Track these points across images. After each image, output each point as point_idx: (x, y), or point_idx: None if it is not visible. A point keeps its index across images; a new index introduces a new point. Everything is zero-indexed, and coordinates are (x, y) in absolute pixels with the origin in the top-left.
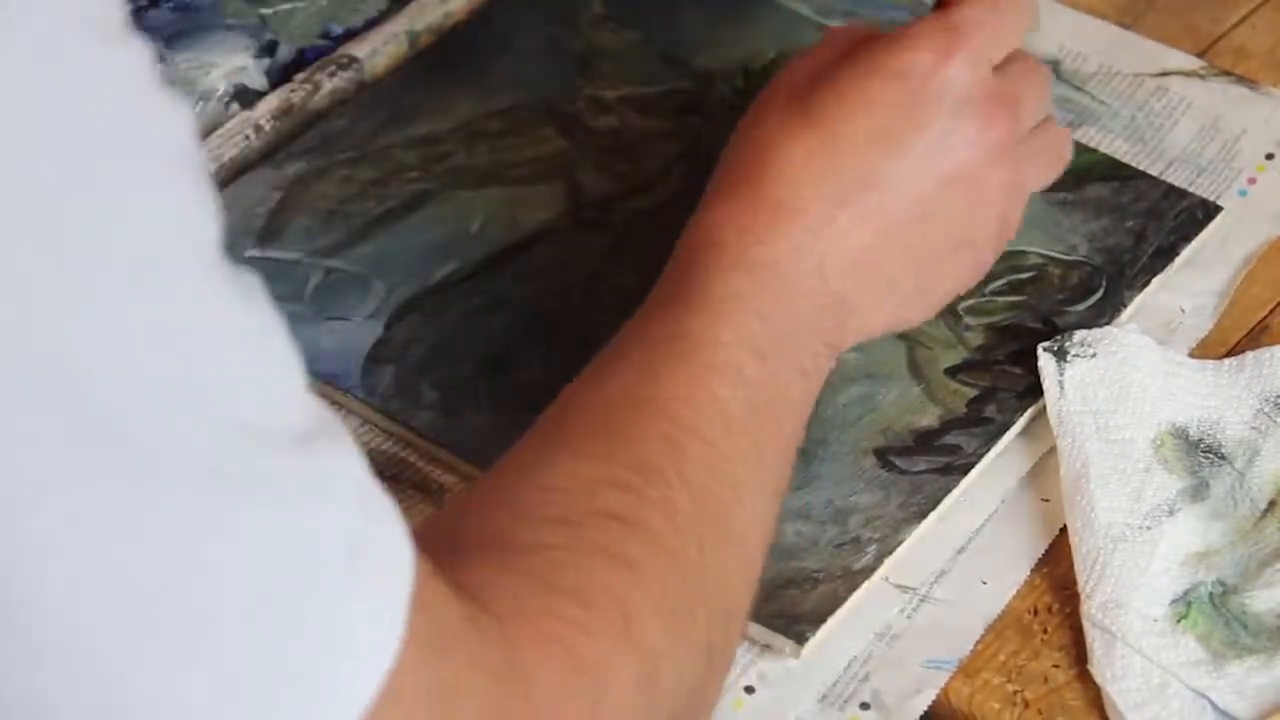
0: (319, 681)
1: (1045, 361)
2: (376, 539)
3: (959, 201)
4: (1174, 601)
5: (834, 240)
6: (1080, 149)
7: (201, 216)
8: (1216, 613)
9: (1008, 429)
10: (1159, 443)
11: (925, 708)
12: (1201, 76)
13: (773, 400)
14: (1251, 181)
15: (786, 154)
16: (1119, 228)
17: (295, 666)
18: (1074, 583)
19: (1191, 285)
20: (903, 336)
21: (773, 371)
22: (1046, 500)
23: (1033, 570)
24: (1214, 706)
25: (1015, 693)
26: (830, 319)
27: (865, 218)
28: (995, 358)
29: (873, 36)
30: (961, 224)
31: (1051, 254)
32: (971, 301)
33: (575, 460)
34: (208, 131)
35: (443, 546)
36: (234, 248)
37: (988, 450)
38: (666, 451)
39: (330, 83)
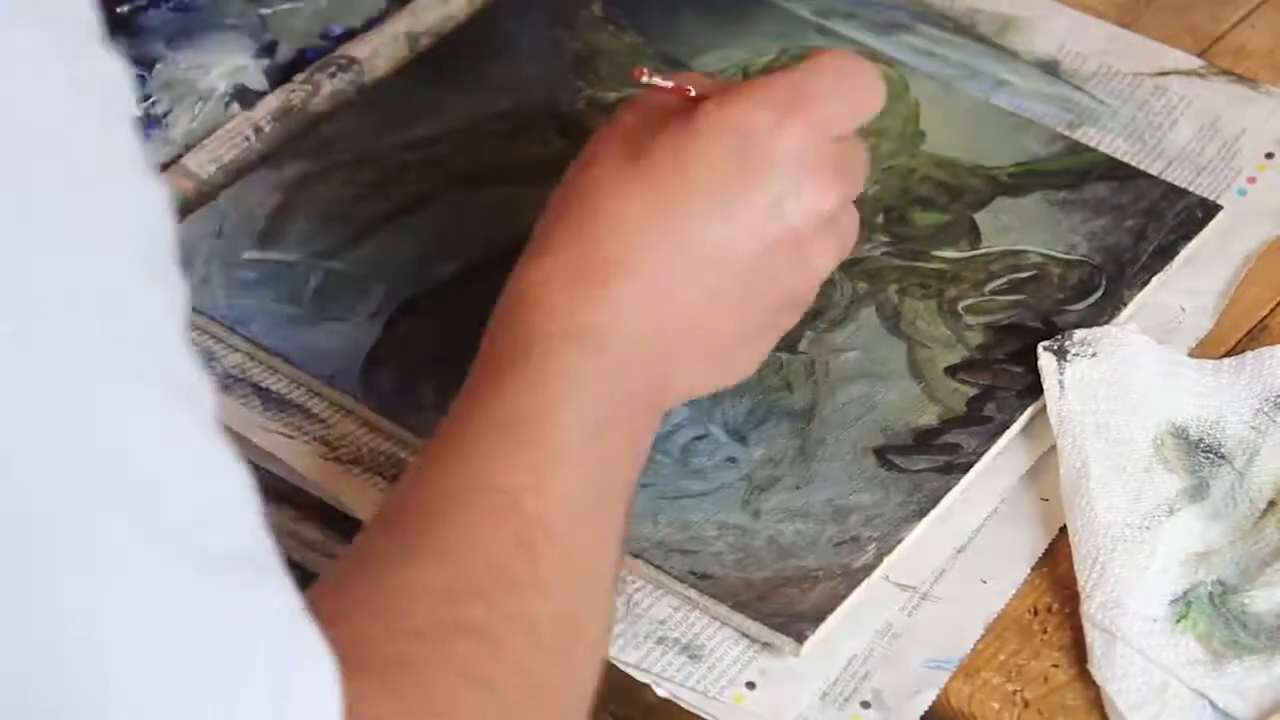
0: None
1: (1045, 360)
2: (301, 680)
3: (786, 264)
4: (1174, 601)
5: (663, 300)
6: (1080, 148)
7: (159, 311)
8: (1216, 613)
9: (1007, 428)
10: (1159, 442)
11: (926, 707)
12: (1201, 76)
13: (609, 478)
14: (1251, 181)
15: (616, 207)
16: (1119, 227)
17: None
18: (1074, 582)
19: (1191, 284)
20: (902, 336)
21: (606, 448)
22: (1046, 499)
23: (1033, 570)
24: (1214, 706)
25: (1015, 692)
26: (658, 381)
27: (696, 278)
28: (995, 357)
29: (718, 88)
30: (786, 286)
31: (1051, 253)
32: (971, 301)
33: (430, 562)
34: (208, 132)
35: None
36: (234, 249)
37: (987, 449)
38: (519, 554)
39: (330, 84)
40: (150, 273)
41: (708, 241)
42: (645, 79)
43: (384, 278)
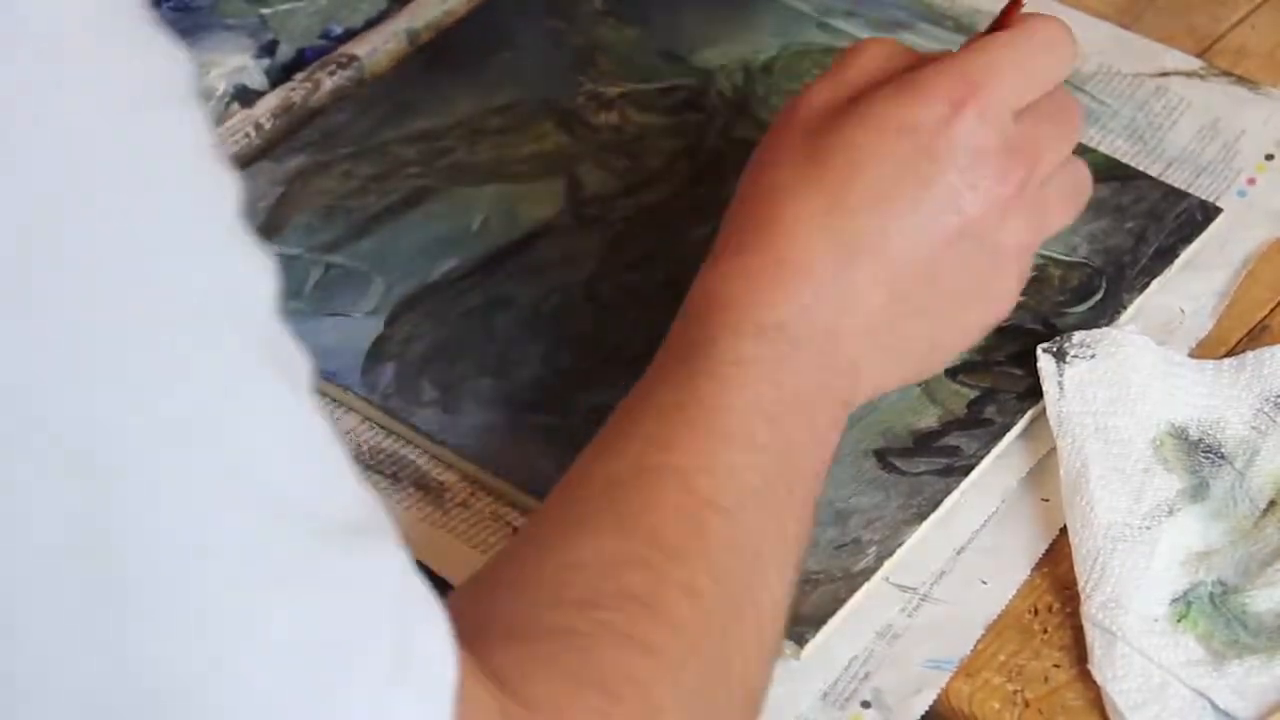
0: None
1: (1045, 362)
2: (421, 636)
3: (970, 258)
4: (1174, 601)
5: (845, 303)
6: (1080, 149)
7: (256, 283)
8: (1216, 612)
9: (1008, 430)
10: (1159, 443)
11: (926, 707)
12: (1201, 77)
13: (786, 467)
14: (1251, 182)
15: (795, 211)
16: (1119, 229)
17: None
18: (1074, 583)
19: (1191, 286)
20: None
21: (785, 436)
22: (1046, 500)
23: (1033, 570)
24: (1214, 706)
25: (1015, 692)
26: (844, 381)
27: (876, 280)
28: (995, 359)
29: (889, 80)
30: (973, 280)
31: (1051, 255)
32: None
33: (594, 537)
34: None
35: (469, 626)
36: None
37: (988, 451)
38: (686, 527)
39: (330, 81)
40: (243, 243)
41: (884, 242)
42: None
43: (385, 272)
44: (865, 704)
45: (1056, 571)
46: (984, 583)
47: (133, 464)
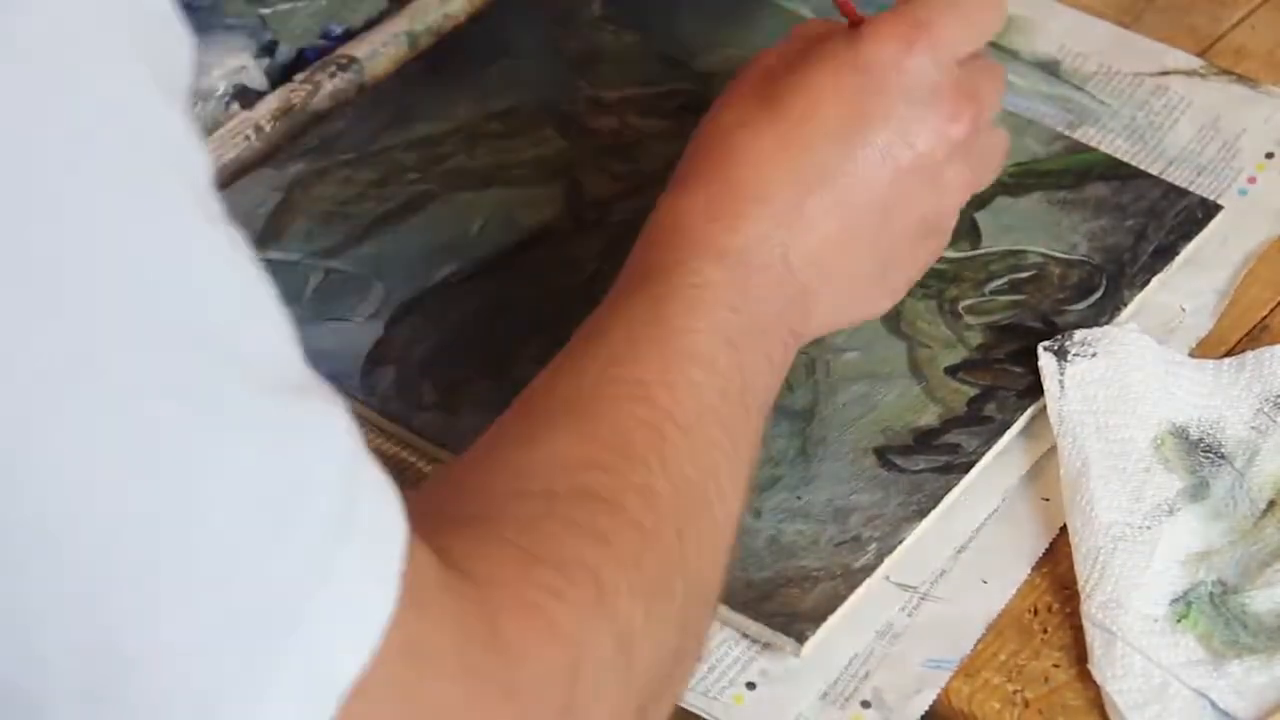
0: (309, 630)
1: (1045, 360)
2: (368, 495)
3: (920, 192)
4: (1174, 601)
5: (799, 230)
6: (1080, 148)
7: (196, 154)
8: (1216, 612)
9: (1008, 428)
10: (1159, 442)
11: (926, 707)
12: (1201, 76)
13: (743, 390)
14: (1251, 181)
15: (753, 144)
16: (1119, 227)
17: (286, 611)
18: (1074, 582)
19: (1191, 284)
20: (903, 336)
21: (742, 361)
22: (1047, 499)
23: (1033, 569)
24: (1214, 706)
25: (1015, 692)
26: (796, 309)
27: (830, 209)
28: (995, 357)
29: (838, 29)
30: (920, 216)
31: (1052, 253)
32: (972, 301)
33: (555, 437)
34: (208, 131)
35: (422, 517)
36: None
37: (988, 449)
38: (646, 436)
39: (330, 83)
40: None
41: (839, 174)
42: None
43: (384, 277)
44: (865, 704)
45: (1056, 571)
46: (984, 582)
47: (88, 297)
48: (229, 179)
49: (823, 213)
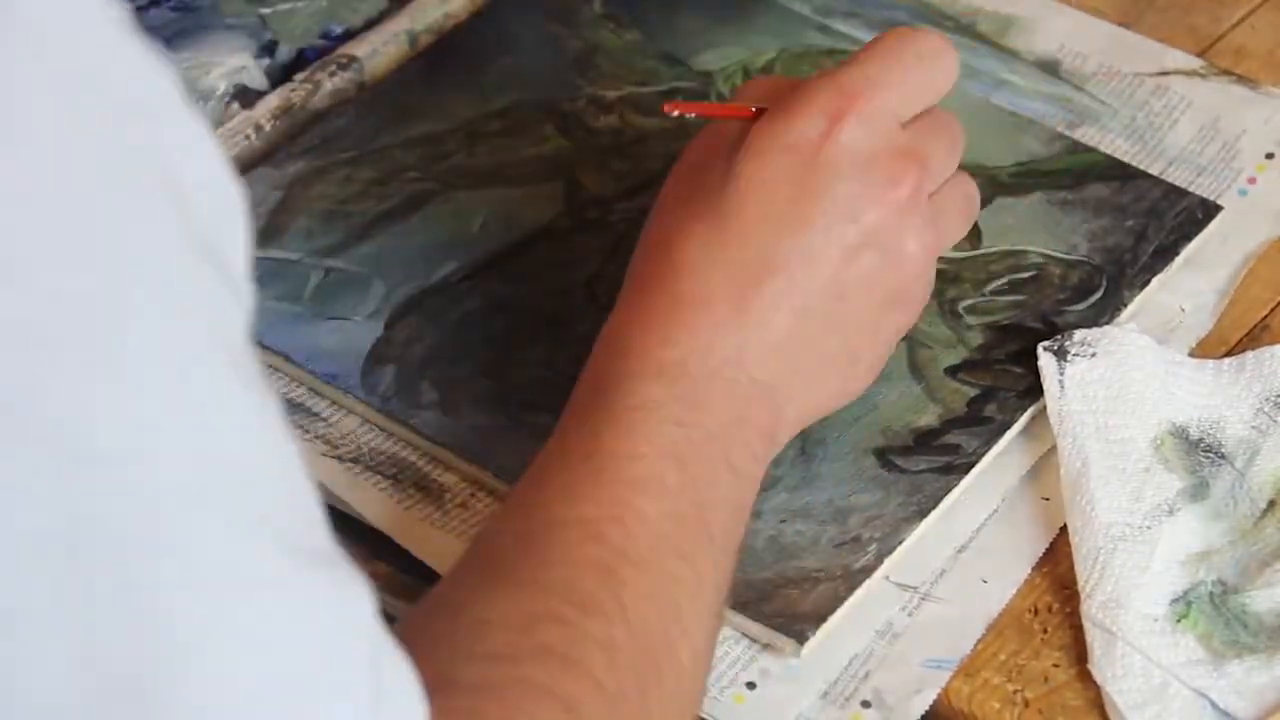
0: None
1: (1045, 361)
2: (392, 672)
3: (876, 266)
4: (1174, 601)
5: (748, 331)
6: (1080, 148)
7: (231, 307)
8: (1216, 612)
9: (1008, 428)
10: (1159, 442)
11: (926, 707)
12: (1202, 76)
13: (699, 508)
14: (1251, 181)
15: (685, 247)
16: (1119, 227)
17: None
18: (1074, 582)
19: (1191, 285)
20: (903, 336)
21: (698, 478)
22: (1047, 499)
23: (1033, 569)
24: (1214, 706)
25: (1015, 692)
26: (761, 410)
27: (778, 301)
28: (995, 357)
29: (773, 94)
30: (882, 290)
31: (1052, 253)
32: (972, 301)
33: (507, 592)
34: None
35: None
36: None
37: (988, 449)
38: (599, 579)
39: (330, 83)
40: (217, 267)
41: (783, 264)
42: (676, 113)
43: (385, 276)
44: (865, 703)
45: (1056, 571)
46: (984, 582)
47: (113, 456)
48: None
49: (771, 307)
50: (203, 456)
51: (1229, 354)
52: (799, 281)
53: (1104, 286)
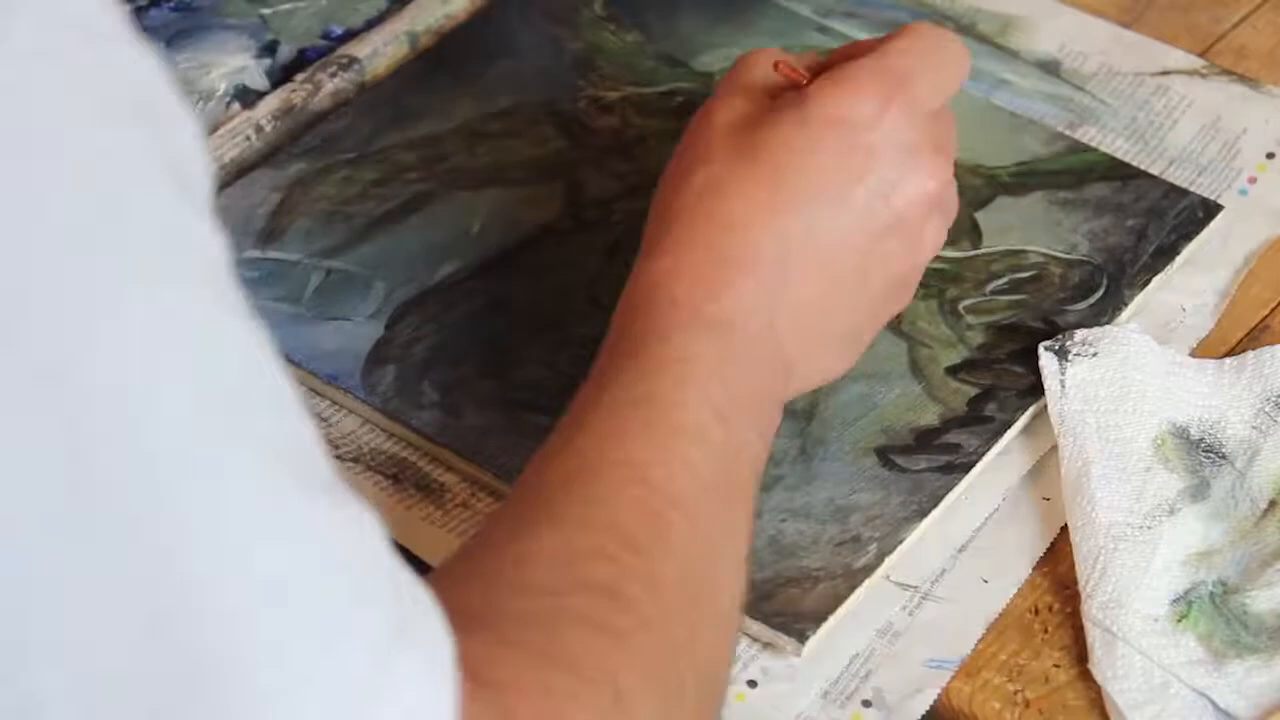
0: None
1: (1046, 360)
2: (414, 602)
3: (898, 251)
4: (1175, 601)
5: (784, 296)
6: (1081, 148)
7: (213, 239)
8: (1217, 612)
9: (1009, 428)
10: (1160, 442)
11: (926, 707)
12: (1202, 76)
13: (737, 464)
14: (1252, 181)
15: (735, 208)
16: (1120, 227)
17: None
18: (1075, 582)
19: (1192, 284)
20: (903, 336)
21: (734, 434)
22: (1047, 499)
23: (1034, 569)
24: (1214, 706)
25: (1016, 692)
26: (779, 379)
27: (813, 273)
28: (996, 356)
29: (813, 82)
30: (899, 272)
31: (1052, 253)
32: (972, 300)
33: (554, 529)
34: (208, 131)
35: None
36: (234, 248)
37: (989, 449)
38: (645, 520)
39: (331, 83)
40: (194, 200)
41: (823, 237)
42: (784, 70)
43: (385, 277)
44: (866, 703)
45: (1057, 571)
46: (985, 581)
47: (112, 392)
48: (229, 179)
49: (806, 277)
50: (212, 385)
51: (1230, 354)
52: (836, 257)
53: (1104, 286)
